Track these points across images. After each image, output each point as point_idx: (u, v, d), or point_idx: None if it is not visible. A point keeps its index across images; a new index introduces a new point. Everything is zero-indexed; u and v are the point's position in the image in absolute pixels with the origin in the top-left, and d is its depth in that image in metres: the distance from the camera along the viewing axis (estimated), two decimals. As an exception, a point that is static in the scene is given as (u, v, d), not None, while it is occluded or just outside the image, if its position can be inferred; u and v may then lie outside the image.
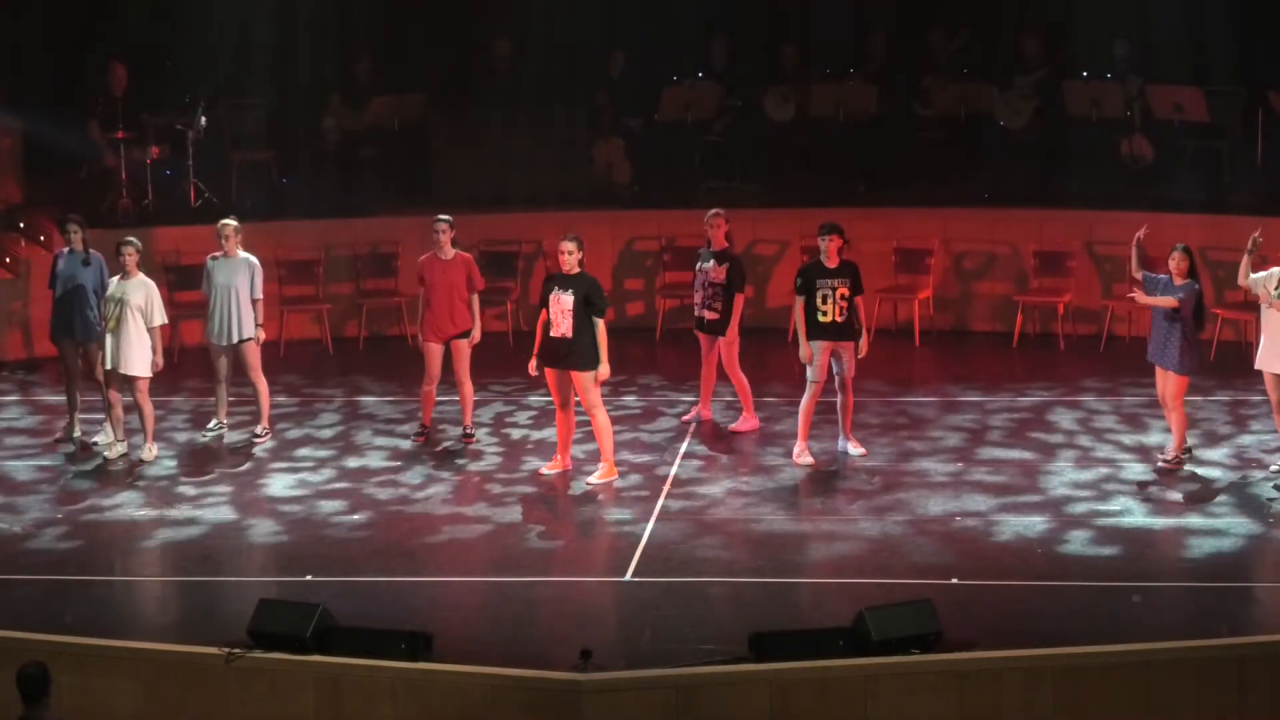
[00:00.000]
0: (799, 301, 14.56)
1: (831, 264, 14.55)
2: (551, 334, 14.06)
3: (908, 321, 19.09)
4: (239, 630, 10.87)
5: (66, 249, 15.69)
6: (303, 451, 15.41)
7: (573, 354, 14.02)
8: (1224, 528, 13.08)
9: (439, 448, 15.42)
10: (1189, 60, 19.40)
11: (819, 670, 10.48)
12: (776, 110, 20.90)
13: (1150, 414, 15.55)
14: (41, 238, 18.82)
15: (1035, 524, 13.18)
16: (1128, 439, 15.26)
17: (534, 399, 16.78)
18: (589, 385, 14.07)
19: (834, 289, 14.47)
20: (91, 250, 15.63)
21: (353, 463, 15.06)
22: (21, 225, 19.12)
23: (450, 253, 15.43)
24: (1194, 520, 13.28)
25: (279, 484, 14.53)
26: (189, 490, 14.38)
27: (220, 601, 12.15)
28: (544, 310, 14.20)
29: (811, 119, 20.81)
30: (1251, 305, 14.71)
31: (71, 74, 20.52)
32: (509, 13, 20.97)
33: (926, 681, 10.49)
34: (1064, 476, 14.27)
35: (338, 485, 14.48)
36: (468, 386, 15.51)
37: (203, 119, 19.90)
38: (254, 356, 15.64)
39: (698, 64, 21.24)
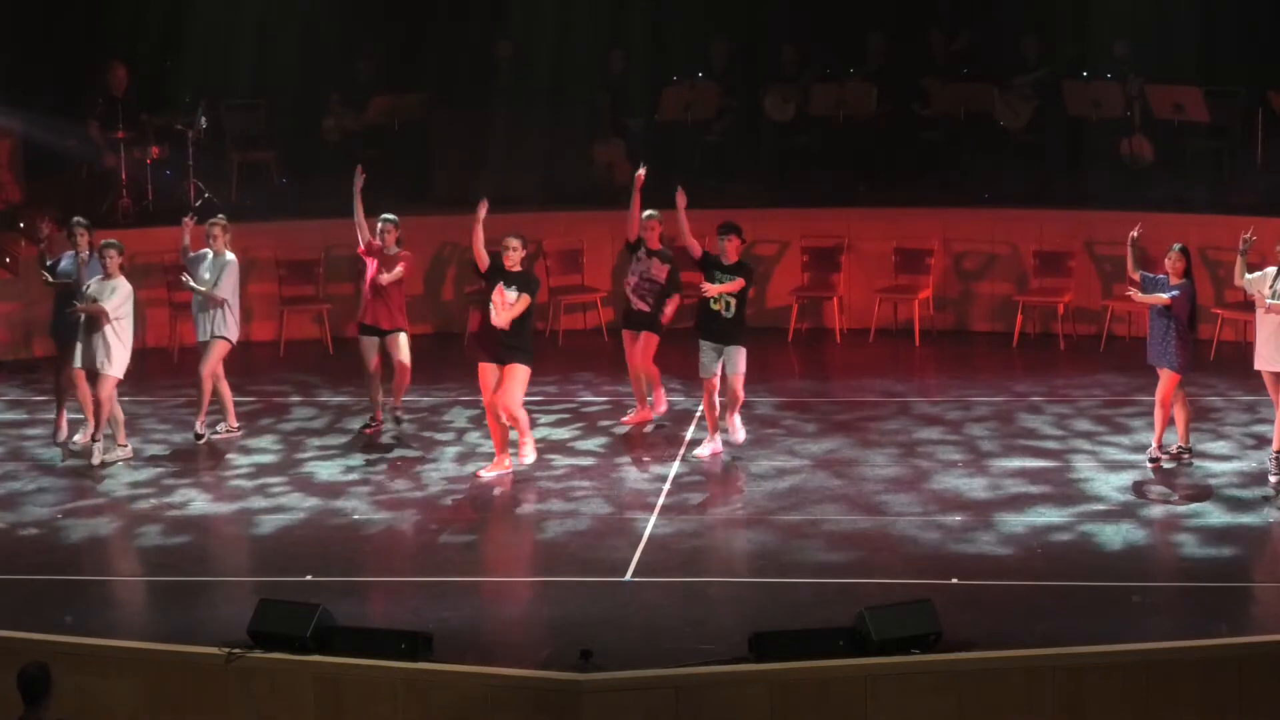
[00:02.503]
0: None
1: (727, 260, 14.75)
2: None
3: (908, 321, 19.09)
4: (239, 630, 10.86)
5: (72, 251, 15.69)
6: (300, 453, 15.42)
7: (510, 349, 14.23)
8: (1224, 527, 13.07)
9: (439, 448, 15.41)
10: (1189, 60, 19.40)
11: (819, 670, 10.47)
12: (776, 110, 20.89)
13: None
14: (41, 238, 18.79)
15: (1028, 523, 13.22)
16: (1127, 439, 15.26)
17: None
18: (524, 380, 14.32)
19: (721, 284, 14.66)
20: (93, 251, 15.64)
21: (350, 463, 15.06)
22: (21, 225, 19.11)
23: (392, 250, 15.59)
24: (1193, 520, 13.28)
25: (276, 486, 14.55)
26: (166, 488, 14.42)
27: (220, 601, 12.15)
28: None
29: (811, 119, 20.82)
30: (1251, 305, 14.70)
31: (71, 74, 20.52)
32: (509, 13, 20.97)
33: (926, 681, 10.48)
34: (1083, 478, 14.30)
35: (337, 485, 14.48)
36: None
37: (203, 119, 19.91)
38: (216, 356, 15.54)
39: (698, 64, 21.24)
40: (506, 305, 14.17)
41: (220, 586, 12.59)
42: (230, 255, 15.61)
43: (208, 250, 15.64)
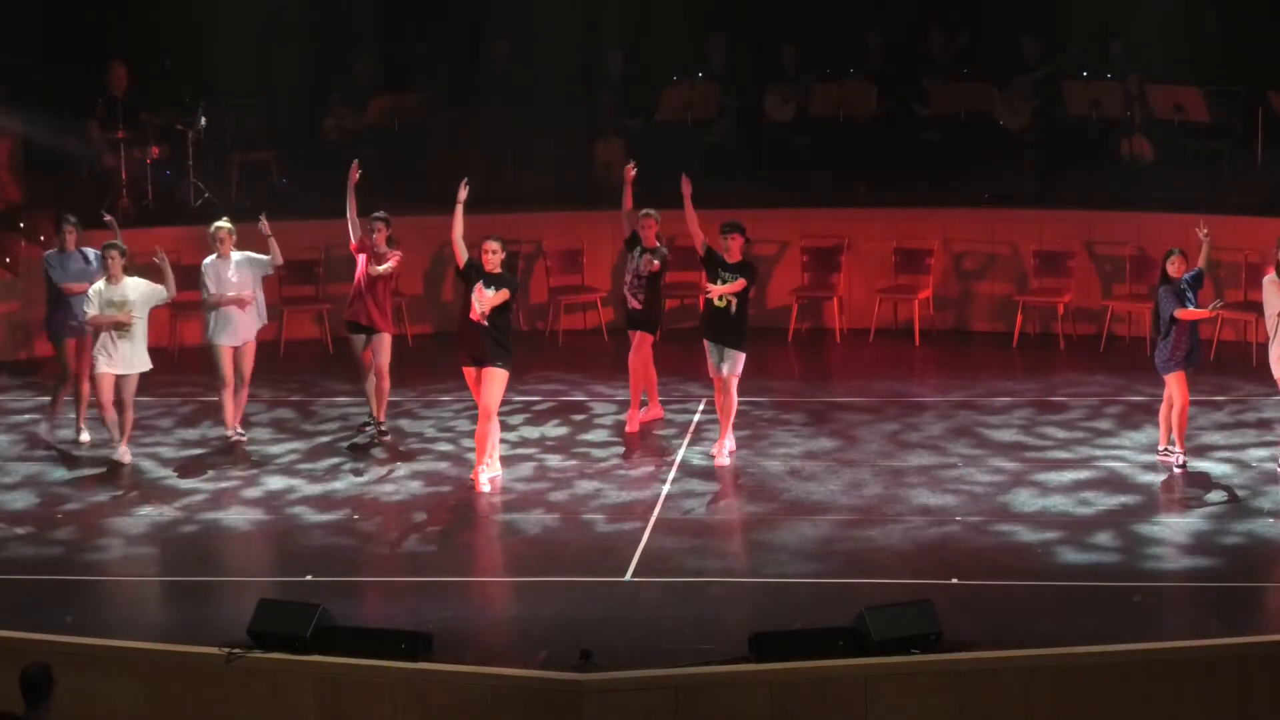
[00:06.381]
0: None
1: (730, 259, 14.71)
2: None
3: (908, 321, 19.09)
4: (239, 630, 10.87)
5: (61, 249, 15.69)
6: (301, 451, 15.42)
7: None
8: (1224, 527, 13.07)
9: (439, 448, 15.41)
10: (1189, 60, 19.39)
11: (819, 670, 10.48)
12: (776, 110, 20.89)
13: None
14: (41, 238, 18.83)
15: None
16: (1128, 440, 15.25)
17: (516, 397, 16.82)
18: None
19: (724, 282, 14.59)
20: (89, 250, 15.65)
21: (350, 463, 15.06)
22: (21, 225, 19.12)
23: (382, 249, 15.53)
24: (1193, 520, 13.28)
25: (276, 486, 14.55)
26: (188, 490, 14.42)
27: (220, 601, 12.15)
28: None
29: (811, 119, 20.82)
30: (1252, 305, 14.71)
31: (71, 74, 20.52)
32: (509, 13, 20.97)
33: (926, 681, 10.49)
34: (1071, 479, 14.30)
35: (336, 486, 14.48)
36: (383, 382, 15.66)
37: (203, 119, 19.91)
38: (252, 358, 15.64)
39: (698, 64, 21.24)
40: (485, 299, 14.10)
41: (220, 586, 12.60)
42: (244, 253, 15.61)
43: (211, 257, 15.60)
